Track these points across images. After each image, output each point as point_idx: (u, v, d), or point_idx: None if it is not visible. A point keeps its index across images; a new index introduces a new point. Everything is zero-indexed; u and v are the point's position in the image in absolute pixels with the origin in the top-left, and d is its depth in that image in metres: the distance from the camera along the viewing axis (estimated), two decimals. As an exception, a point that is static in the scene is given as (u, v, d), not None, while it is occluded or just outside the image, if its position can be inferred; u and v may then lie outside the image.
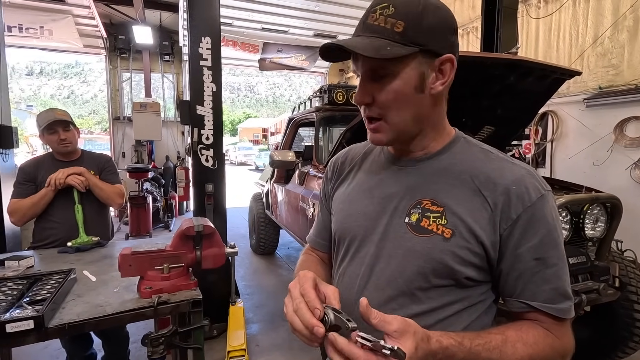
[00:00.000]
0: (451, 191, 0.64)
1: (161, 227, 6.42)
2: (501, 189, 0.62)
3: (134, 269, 1.26)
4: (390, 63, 0.60)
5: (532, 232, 0.61)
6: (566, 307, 0.62)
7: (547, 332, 0.62)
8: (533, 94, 2.56)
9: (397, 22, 0.59)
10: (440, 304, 0.65)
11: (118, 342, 2.05)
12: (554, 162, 4.37)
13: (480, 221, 0.62)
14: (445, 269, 0.63)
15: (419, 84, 0.62)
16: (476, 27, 5.38)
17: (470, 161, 0.66)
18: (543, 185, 0.63)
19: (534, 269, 0.61)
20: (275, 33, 7.53)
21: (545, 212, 0.61)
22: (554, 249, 0.61)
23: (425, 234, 0.64)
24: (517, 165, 0.65)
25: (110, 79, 7.71)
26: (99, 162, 2.04)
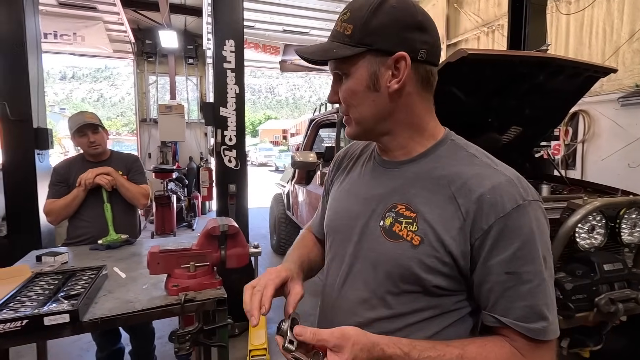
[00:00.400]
0: (427, 197, 0.63)
1: (184, 226, 6.58)
2: (475, 197, 0.59)
3: (162, 266, 1.30)
4: (343, 64, 0.64)
5: (503, 244, 0.57)
6: (539, 327, 0.56)
7: (515, 353, 0.58)
8: (564, 93, 2.46)
9: (348, 25, 0.62)
10: (410, 310, 0.64)
11: (145, 337, 2.12)
12: (585, 164, 4.19)
13: (451, 230, 0.59)
14: (412, 276, 0.62)
15: (372, 82, 0.63)
16: (502, 25, 5.24)
17: (452, 165, 0.64)
18: (524, 194, 0.58)
19: (505, 283, 0.57)
20: (297, 35, 7.58)
21: (522, 223, 0.57)
22: (530, 264, 0.57)
23: (395, 239, 0.64)
24: (498, 171, 0.61)
25: (137, 82, 7.99)
26: (127, 162, 2.11)
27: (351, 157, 0.83)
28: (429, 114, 0.68)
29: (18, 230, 2.96)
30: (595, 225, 1.71)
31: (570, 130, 4.30)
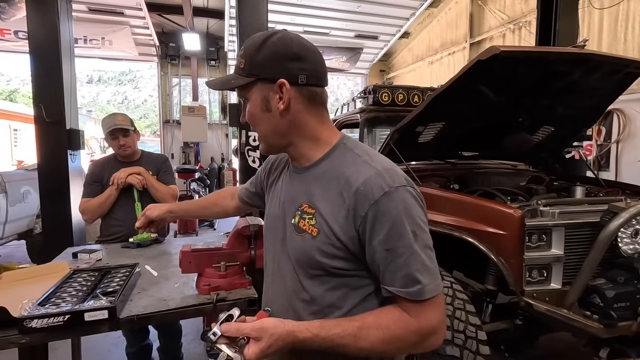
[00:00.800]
0: (323, 195, 0.76)
1: (206, 225, 6.69)
2: (353, 190, 0.71)
3: (194, 265, 1.31)
4: (242, 91, 0.78)
5: (378, 226, 0.69)
6: (416, 290, 0.68)
7: (403, 314, 0.70)
8: (600, 91, 2.35)
9: (241, 59, 0.77)
10: (322, 291, 0.76)
11: (172, 334, 2.16)
12: (619, 165, 4.00)
13: (339, 220, 0.72)
14: (315, 262, 0.75)
15: (264, 105, 0.76)
16: (529, 22, 5.08)
17: (341, 166, 0.76)
18: (390, 182, 0.70)
19: (386, 259, 0.69)
20: (317, 35, 7.59)
21: (389, 207, 0.69)
22: (401, 240, 0.68)
23: (301, 233, 0.77)
24: (372, 166, 0.73)
25: (161, 85, 8.20)
26: (157, 162, 2.16)
27: (278, 167, 0.95)
28: (321, 125, 0.80)
29: (51, 227, 3.08)
30: (639, 229, 1.62)
31: (603, 130, 4.12)
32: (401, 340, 0.69)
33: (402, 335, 0.69)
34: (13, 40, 6.57)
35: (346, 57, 8.22)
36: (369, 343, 0.68)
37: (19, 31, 6.43)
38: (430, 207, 2.14)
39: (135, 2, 6.03)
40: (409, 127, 2.36)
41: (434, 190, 2.21)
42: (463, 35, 7.18)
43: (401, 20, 7.52)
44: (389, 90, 3.21)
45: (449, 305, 1.65)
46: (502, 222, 1.68)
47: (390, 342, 0.69)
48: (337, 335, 0.68)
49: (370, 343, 0.68)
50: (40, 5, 2.96)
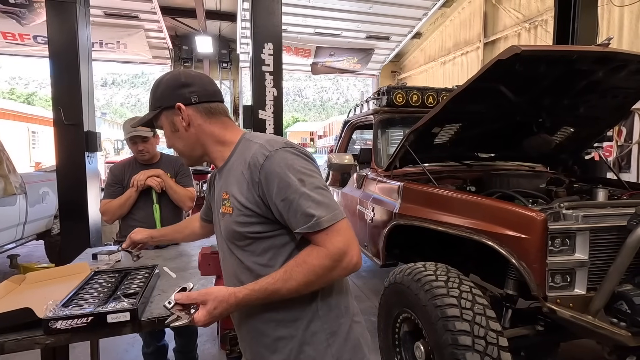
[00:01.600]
0: (232, 181, 0.90)
1: (218, 226, 6.74)
2: (247, 164, 0.86)
3: (213, 267, 1.31)
4: (156, 122, 0.99)
5: (271, 185, 0.82)
6: (314, 222, 0.79)
7: (313, 247, 0.81)
8: (624, 91, 2.29)
9: (150, 99, 0.98)
10: (254, 256, 0.89)
11: (189, 335, 2.17)
12: (641, 166, 3.89)
13: (244, 192, 0.86)
14: (237, 233, 0.89)
15: (172, 127, 0.96)
16: (545, 20, 4.98)
17: (242, 154, 0.91)
18: (269, 148, 0.85)
19: (285, 207, 0.81)
20: (328, 37, 7.59)
21: (273, 166, 0.83)
22: (289, 189, 0.81)
23: (224, 216, 0.92)
24: (256, 143, 0.89)
25: (174, 87, 8.30)
26: (175, 165, 2.18)
27: (213, 176, 1.09)
28: (224, 130, 0.97)
29: (69, 228, 3.14)
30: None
31: (624, 131, 4.00)
32: (318, 267, 0.79)
33: (317, 263, 0.79)
34: (32, 45, 6.74)
35: (357, 58, 8.20)
36: (295, 281, 0.79)
37: (38, 36, 6.59)
38: (447, 209, 2.11)
39: (150, 6, 6.13)
40: (424, 129, 2.33)
41: (451, 192, 2.17)
42: (477, 35, 7.08)
43: (413, 20, 7.47)
44: (403, 91, 3.17)
45: (469, 310, 1.61)
46: (524, 225, 1.64)
47: (310, 273, 0.79)
48: (268, 284, 0.80)
49: (295, 280, 0.79)
50: (60, 10, 3.02)
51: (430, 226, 2.09)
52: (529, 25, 5.31)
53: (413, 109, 3.19)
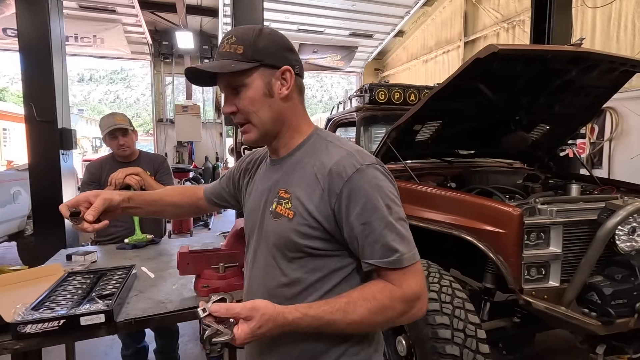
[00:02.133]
0: (298, 180, 0.78)
1: (200, 225, 6.63)
2: (327, 170, 0.74)
3: (192, 267, 1.29)
4: (239, 77, 0.77)
5: (353, 202, 0.72)
6: (395, 258, 0.71)
7: (386, 284, 0.72)
8: (596, 89, 2.37)
9: (238, 46, 0.76)
10: (301, 273, 0.77)
11: (170, 336, 2.13)
12: (612, 162, 4.05)
13: (315, 200, 0.75)
14: (292, 244, 0.76)
15: (267, 90, 0.78)
16: (523, 21, 5.10)
17: (315, 153, 0.80)
18: (361, 160, 0.74)
19: (363, 232, 0.72)
20: (311, 34, 7.56)
21: (363, 183, 0.72)
22: (375, 213, 0.71)
23: (278, 218, 0.78)
24: (342, 148, 0.78)
25: (154, 83, 8.11)
26: (155, 162, 2.14)
27: (254, 163, 0.97)
28: (303, 116, 0.85)
29: (43, 228, 3.02)
30: (636, 227, 1.63)
31: (596, 128, 4.16)
32: (388, 309, 0.71)
33: (388, 304, 0.71)
34: (1, 37, 6.44)
35: (341, 56, 8.21)
36: (357, 316, 0.69)
37: (7, 28, 6.30)
38: (428, 205, 2.14)
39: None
40: (406, 126, 2.35)
41: (432, 189, 2.21)
42: (458, 34, 7.20)
43: (396, 18, 7.53)
44: (386, 89, 3.20)
45: (449, 304, 1.65)
46: (501, 220, 1.68)
47: (378, 312, 0.70)
48: (325, 312, 0.69)
49: (359, 316, 0.69)
50: (30, 2, 2.89)
51: (411, 222, 2.11)
52: (507, 25, 5.43)
53: (395, 106, 3.21)
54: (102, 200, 0.91)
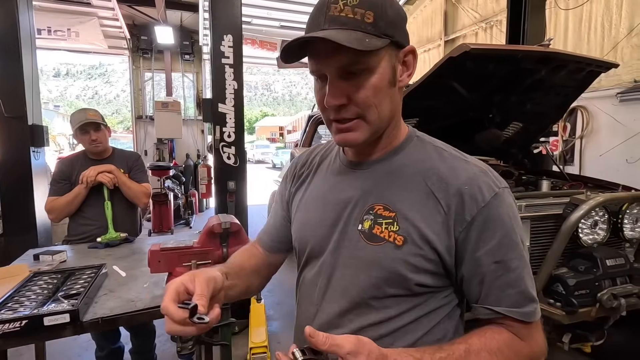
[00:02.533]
0: (404, 194, 0.61)
1: (182, 223, 6.55)
2: (454, 190, 0.59)
3: (163, 265, 1.28)
4: (366, 57, 0.55)
5: (489, 234, 0.57)
6: (531, 310, 0.58)
7: (513, 337, 0.59)
8: (565, 89, 2.45)
9: (366, 12, 0.54)
10: (397, 313, 0.62)
11: (145, 335, 2.10)
12: (583, 159, 4.20)
13: (434, 226, 0.58)
14: (399, 278, 0.60)
15: (392, 77, 0.60)
16: (500, 21, 5.22)
17: (423, 161, 0.63)
18: (497, 182, 0.60)
19: (495, 272, 0.58)
20: (294, 31, 7.52)
21: (501, 211, 0.58)
22: (513, 251, 0.58)
23: (377, 242, 0.61)
24: (470, 163, 0.62)
25: (133, 79, 7.91)
26: (129, 160, 2.09)
27: (310, 166, 0.78)
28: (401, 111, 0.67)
29: (14, 228, 2.93)
30: (598, 220, 1.70)
31: (568, 126, 4.31)
32: None
33: None
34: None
35: (324, 53, 8.21)
36: None
37: (-25, 20, 6.03)
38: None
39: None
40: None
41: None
42: (438, 33, 7.31)
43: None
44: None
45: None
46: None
47: None
48: None
49: None
50: (-3, -8, 2.78)
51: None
52: (485, 25, 5.55)
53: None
54: (206, 284, 0.58)
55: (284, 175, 0.84)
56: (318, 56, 0.58)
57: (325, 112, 0.62)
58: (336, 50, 0.54)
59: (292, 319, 3.08)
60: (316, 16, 0.58)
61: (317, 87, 0.62)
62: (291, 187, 0.80)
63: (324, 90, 0.59)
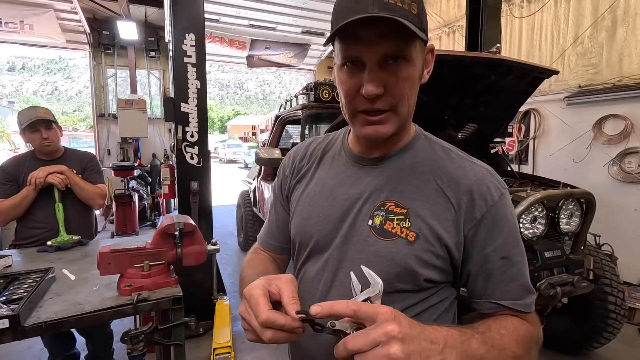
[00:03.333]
0: (415, 192, 0.63)
1: (148, 225, 6.36)
2: (464, 189, 0.61)
3: (114, 266, 1.26)
4: (408, 47, 0.56)
5: (496, 231, 0.61)
6: (530, 301, 0.63)
7: (523, 320, 0.61)
8: (514, 92, 2.61)
9: (412, 3, 0.55)
10: (402, 308, 0.61)
11: (101, 340, 2.04)
12: (536, 159, 4.47)
13: (444, 223, 0.61)
14: (410, 274, 0.61)
15: (421, 72, 0.61)
16: (462, 26, 5.44)
17: (433, 160, 0.65)
18: (502, 183, 0.64)
19: (501, 268, 0.61)
20: (263, 30, 7.48)
21: (507, 210, 0.62)
22: (516, 247, 0.62)
23: (389, 237, 0.62)
24: (477, 164, 0.65)
25: (94, 76, 7.57)
26: (82, 160, 2.02)
27: (311, 158, 0.77)
28: None
29: (-42, 233, 2.75)
30: (537, 216, 1.84)
31: (523, 128, 4.56)
32: (526, 348, 0.58)
33: (529, 340, 0.59)
34: None
35: (294, 53, 8.22)
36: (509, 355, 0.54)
37: None
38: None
39: (60, -17, 5.50)
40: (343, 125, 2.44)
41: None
42: (405, 36, 7.49)
43: None
44: (330, 88, 3.28)
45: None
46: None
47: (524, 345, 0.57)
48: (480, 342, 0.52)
49: (510, 355, 0.54)
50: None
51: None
52: (448, 29, 5.77)
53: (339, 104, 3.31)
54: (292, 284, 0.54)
55: (281, 170, 0.82)
56: (360, 40, 0.55)
57: (353, 102, 0.60)
58: (384, 36, 0.54)
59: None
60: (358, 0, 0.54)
61: (344, 76, 0.60)
62: (291, 181, 0.78)
63: (357, 79, 0.58)
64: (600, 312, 2.19)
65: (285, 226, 0.79)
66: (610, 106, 3.66)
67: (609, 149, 3.67)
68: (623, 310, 2.20)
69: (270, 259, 0.82)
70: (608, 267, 2.22)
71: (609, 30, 3.65)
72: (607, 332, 2.23)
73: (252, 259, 0.82)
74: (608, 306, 2.15)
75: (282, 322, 0.49)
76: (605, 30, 3.68)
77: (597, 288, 2.12)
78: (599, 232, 2.90)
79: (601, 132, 3.73)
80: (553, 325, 2.38)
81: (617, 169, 3.61)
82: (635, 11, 3.45)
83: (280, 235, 0.81)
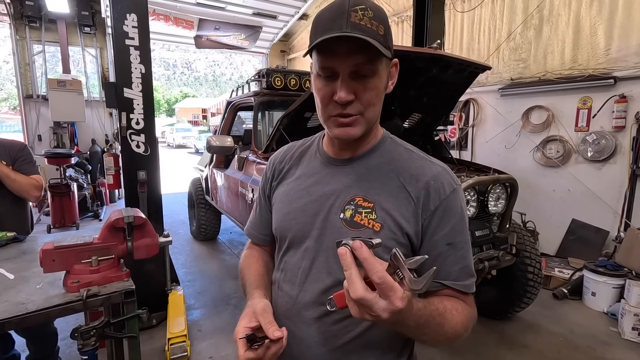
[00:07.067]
0: (380, 188, 0.73)
1: (90, 216, 5.97)
2: (422, 185, 0.71)
3: (59, 263, 1.22)
4: (375, 62, 0.66)
5: (445, 221, 0.70)
6: (470, 283, 0.72)
7: (464, 303, 0.71)
8: (453, 85, 2.82)
9: (379, 25, 0.64)
10: None
11: (44, 339, 1.95)
12: (474, 145, 4.86)
13: (405, 214, 0.70)
14: None
15: (386, 83, 0.71)
16: (410, 16, 5.63)
17: (397, 160, 0.76)
18: (455, 180, 0.74)
19: (446, 252, 0.70)
20: (212, 9, 7.14)
21: (456, 203, 0.72)
22: (461, 235, 0.72)
23: (358, 228, 0.71)
24: (434, 163, 0.75)
25: (18, 52, 6.77)
26: (12, 150, 1.87)
27: (291, 160, 0.87)
28: None
29: None
30: (469, 199, 2.05)
31: (463, 116, 4.91)
32: (466, 328, 0.68)
33: (468, 320, 0.69)
34: None
35: (245, 35, 7.96)
36: (454, 326, 0.65)
37: None
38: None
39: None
40: (297, 113, 2.48)
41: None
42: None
43: (299, 1, 7.57)
44: (282, 75, 3.28)
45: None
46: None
47: (464, 326, 0.67)
48: (436, 311, 0.62)
49: (454, 327, 0.65)
50: None
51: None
52: (397, 19, 5.94)
53: (292, 92, 3.33)
54: (268, 311, 0.72)
55: (264, 173, 0.92)
56: (336, 54, 0.65)
57: (327, 107, 0.70)
58: (355, 52, 0.63)
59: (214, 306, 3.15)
60: (336, 19, 0.63)
61: (320, 84, 0.69)
62: (272, 182, 0.89)
63: (331, 87, 0.67)
64: (521, 281, 2.52)
65: (269, 222, 0.89)
66: (536, 98, 4.07)
67: (534, 137, 4.10)
68: (540, 278, 2.54)
69: (262, 252, 0.94)
70: (528, 242, 2.54)
71: (537, 28, 4.02)
72: (526, 298, 2.57)
73: (247, 255, 0.94)
74: (527, 275, 2.48)
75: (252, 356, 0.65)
76: (533, 28, 4.05)
77: (518, 260, 2.43)
78: (525, 210, 3.28)
79: (528, 121, 4.15)
80: (484, 295, 2.69)
81: (540, 154, 4.06)
82: (558, 12, 3.83)
83: (264, 227, 0.92)
